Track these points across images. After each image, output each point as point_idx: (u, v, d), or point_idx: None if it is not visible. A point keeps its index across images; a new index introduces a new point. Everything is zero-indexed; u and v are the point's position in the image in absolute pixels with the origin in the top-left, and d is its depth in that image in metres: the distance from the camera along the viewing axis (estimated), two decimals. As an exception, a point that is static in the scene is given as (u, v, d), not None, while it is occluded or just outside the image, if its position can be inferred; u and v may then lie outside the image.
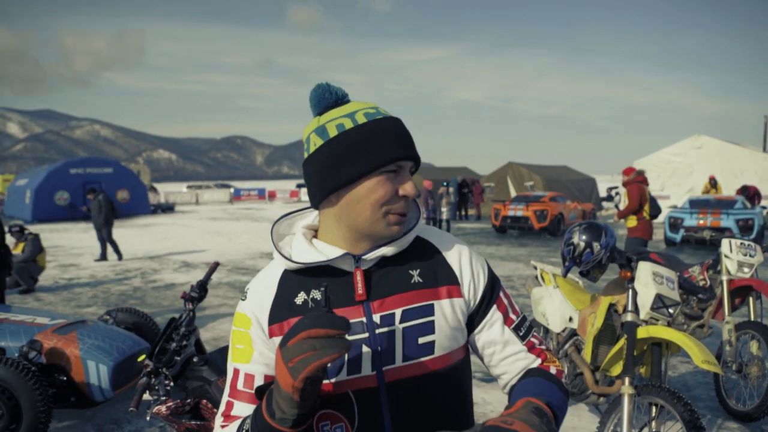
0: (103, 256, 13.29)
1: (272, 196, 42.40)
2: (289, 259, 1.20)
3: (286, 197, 42.24)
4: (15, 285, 9.64)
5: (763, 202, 17.49)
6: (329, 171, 1.15)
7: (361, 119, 1.16)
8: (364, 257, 1.18)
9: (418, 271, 1.20)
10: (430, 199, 17.12)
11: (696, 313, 4.45)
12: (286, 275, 1.21)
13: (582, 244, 3.45)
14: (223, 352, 2.89)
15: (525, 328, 1.28)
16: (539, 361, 1.27)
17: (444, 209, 17.23)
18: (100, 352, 4.21)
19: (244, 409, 1.16)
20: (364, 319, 1.15)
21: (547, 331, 4.36)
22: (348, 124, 1.15)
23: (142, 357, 2.74)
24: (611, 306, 3.49)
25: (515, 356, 1.26)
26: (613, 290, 3.62)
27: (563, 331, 4.00)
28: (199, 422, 2.66)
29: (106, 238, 13.24)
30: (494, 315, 1.25)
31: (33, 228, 15.82)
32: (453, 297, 1.20)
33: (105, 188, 26.69)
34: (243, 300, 1.22)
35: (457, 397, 1.23)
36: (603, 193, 21.46)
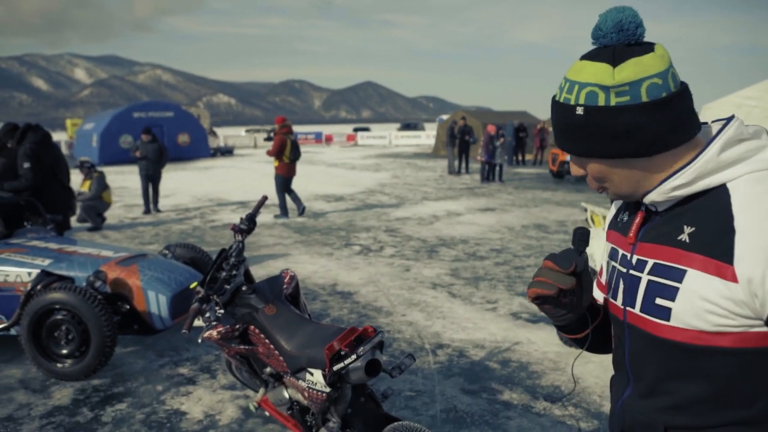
0: (148, 208, 12.03)
1: (329, 139, 42.66)
2: None
3: (343, 141, 42.40)
4: (83, 221, 10.17)
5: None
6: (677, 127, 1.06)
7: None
8: (644, 200, 1.13)
9: (693, 229, 1.04)
10: (491, 144, 16.86)
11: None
12: None
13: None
14: (270, 282, 3.00)
15: None
16: None
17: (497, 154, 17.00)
18: (159, 284, 4.45)
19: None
20: (628, 255, 1.17)
21: (595, 273, 4.32)
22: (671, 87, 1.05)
23: (194, 284, 2.89)
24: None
25: None
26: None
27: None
28: (246, 347, 2.81)
29: (156, 186, 12.03)
30: None
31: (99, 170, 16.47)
32: (713, 275, 0.99)
33: (166, 131, 27.56)
34: None
35: (708, 386, 1.05)
36: None
